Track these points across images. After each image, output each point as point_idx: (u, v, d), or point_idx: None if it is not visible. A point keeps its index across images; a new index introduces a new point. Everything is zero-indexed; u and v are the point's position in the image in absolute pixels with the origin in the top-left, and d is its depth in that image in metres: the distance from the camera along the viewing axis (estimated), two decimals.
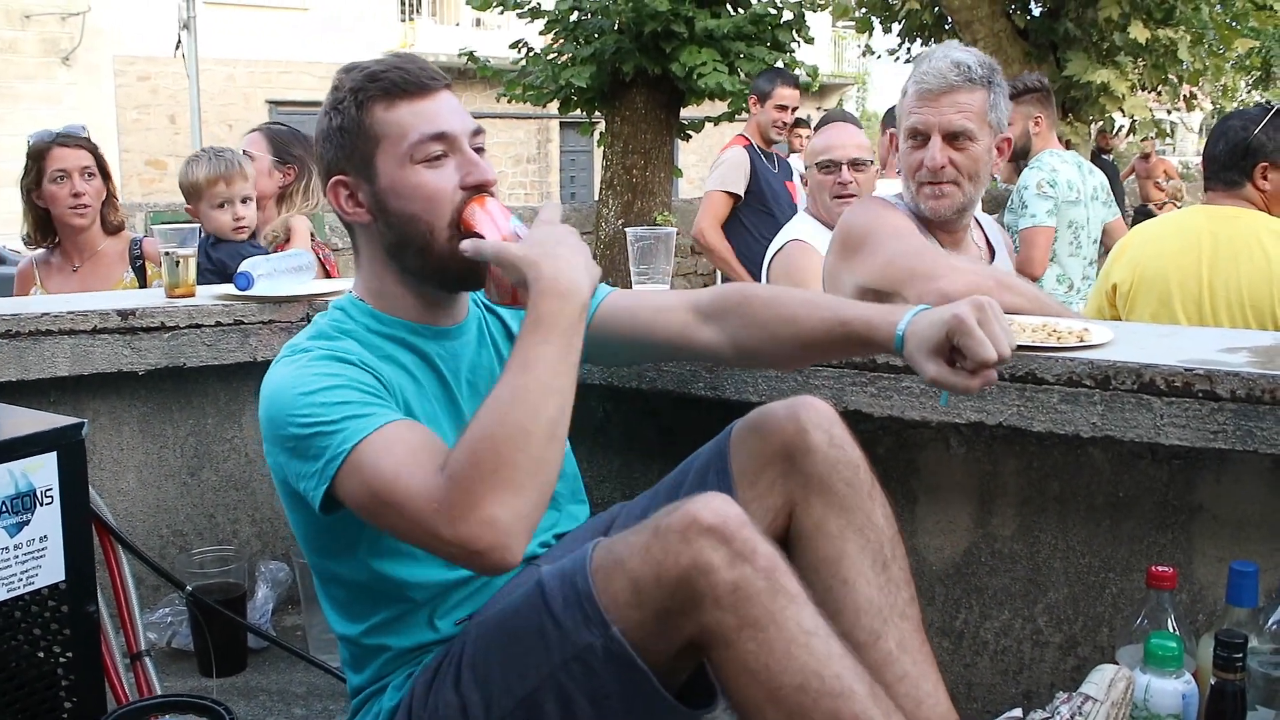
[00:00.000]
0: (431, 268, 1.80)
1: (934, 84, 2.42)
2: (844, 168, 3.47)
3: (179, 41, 15.37)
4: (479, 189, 1.78)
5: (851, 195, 3.45)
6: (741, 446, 1.87)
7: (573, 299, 1.63)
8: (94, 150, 3.55)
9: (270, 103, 20.31)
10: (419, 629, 1.82)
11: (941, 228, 2.55)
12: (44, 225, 3.52)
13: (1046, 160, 4.43)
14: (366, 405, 1.64)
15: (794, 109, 5.66)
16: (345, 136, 1.78)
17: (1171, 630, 1.77)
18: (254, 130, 3.82)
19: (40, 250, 3.61)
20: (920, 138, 2.45)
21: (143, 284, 3.57)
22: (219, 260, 3.31)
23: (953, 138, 2.43)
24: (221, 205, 3.36)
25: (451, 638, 1.80)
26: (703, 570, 1.52)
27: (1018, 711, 1.71)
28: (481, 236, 1.72)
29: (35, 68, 18.02)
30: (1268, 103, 3.27)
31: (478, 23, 21.26)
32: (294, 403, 1.65)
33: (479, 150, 1.81)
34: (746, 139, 5.58)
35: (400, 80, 1.76)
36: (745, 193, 5.40)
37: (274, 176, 3.67)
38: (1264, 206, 3.03)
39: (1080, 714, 1.63)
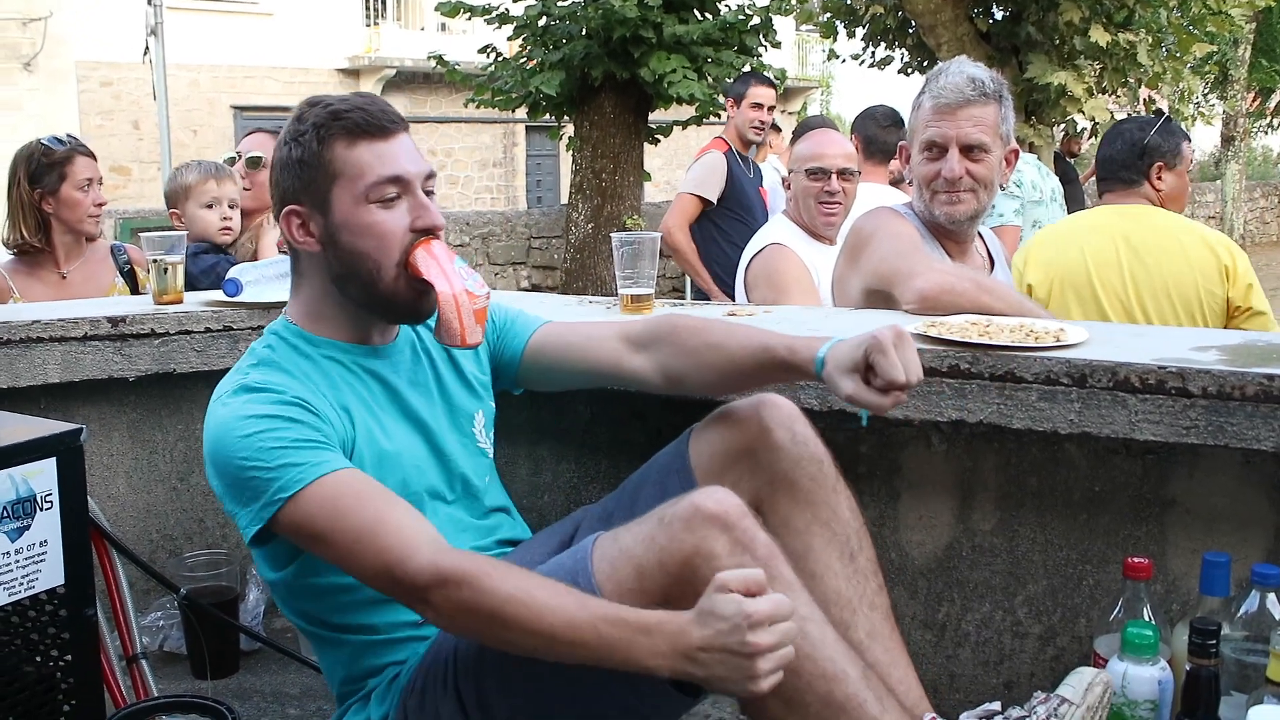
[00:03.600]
0: (375, 300, 1.88)
1: (951, 99, 2.51)
2: (833, 177, 3.49)
3: (146, 48, 15.25)
4: (427, 232, 1.86)
5: (838, 204, 3.50)
6: (704, 446, 1.93)
7: (665, 662, 1.54)
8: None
9: (235, 108, 20.20)
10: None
11: (950, 237, 2.63)
12: (43, 231, 3.50)
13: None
14: (306, 451, 1.71)
15: (770, 107, 5.67)
16: (304, 169, 1.85)
17: (1147, 619, 1.83)
18: (258, 131, 3.85)
19: (6, 259, 3.59)
20: (937, 149, 2.54)
21: (134, 290, 3.59)
22: (190, 274, 3.30)
23: (968, 150, 2.53)
24: (210, 205, 3.39)
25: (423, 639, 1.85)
26: (705, 557, 1.59)
27: (996, 705, 1.75)
28: (428, 281, 1.82)
29: None
30: (1159, 111, 3.49)
31: (443, 27, 21.21)
32: (235, 445, 1.73)
33: (429, 193, 1.89)
34: (726, 143, 5.56)
35: (362, 121, 1.83)
36: (720, 198, 5.41)
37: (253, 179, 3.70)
38: (1159, 204, 3.20)
39: (1056, 715, 1.67)
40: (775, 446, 1.87)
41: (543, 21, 10.96)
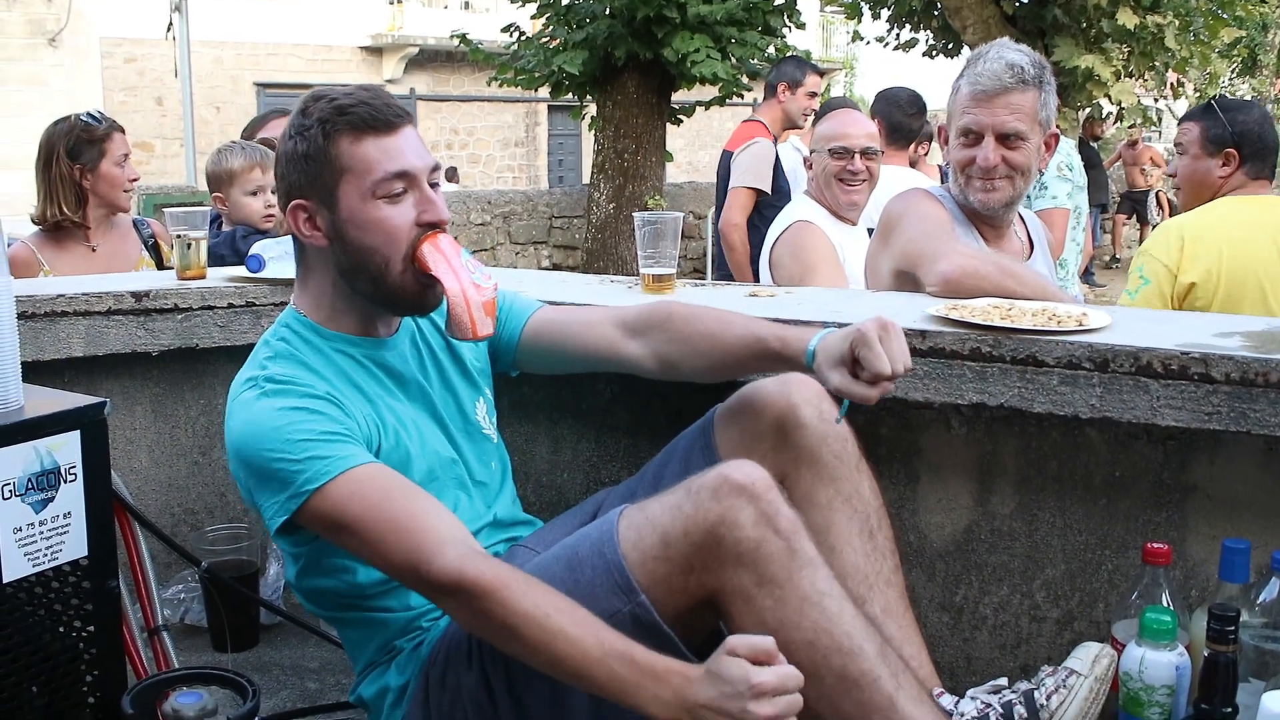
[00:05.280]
0: (382, 294, 1.89)
1: (989, 85, 2.49)
2: (856, 156, 3.49)
3: (170, 24, 15.27)
4: (433, 226, 1.86)
5: (861, 183, 3.50)
6: (729, 424, 1.95)
7: (665, 712, 1.54)
8: None
9: (258, 85, 20.21)
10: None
11: (987, 221, 2.63)
12: (79, 205, 3.54)
13: (1061, 144, 4.50)
14: (332, 444, 1.73)
15: (820, 96, 5.60)
16: (310, 164, 1.85)
17: (1166, 605, 1.83)
18: (279, 116, 3.87)
19: (33, 233, 3.63)
20: (973, 136, 2.52)
21: (159, 264, 3.63)
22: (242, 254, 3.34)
23: (1004, 138, 2.51)
24: (254, 192, 3.43)
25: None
26: (730, 526, 1.63)
27: (1003, 680, 1.76)
28: (435, 276, 1.83)
29: (20, 49, 17.87)
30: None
31: (466, 5, 21.18)
32: (261, 437, 1.74)
33: (434, 185, 1.89)
34: (765, 128, 5.40)
35: (368, 116, 1.83)
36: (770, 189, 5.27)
37: None
38: None
39: (1065, 686, 1.68)
40: (801, 424, 1.89)
41: (566, 0, 10.93)
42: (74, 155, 3.50)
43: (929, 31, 14.41)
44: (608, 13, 10.45)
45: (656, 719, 1.54)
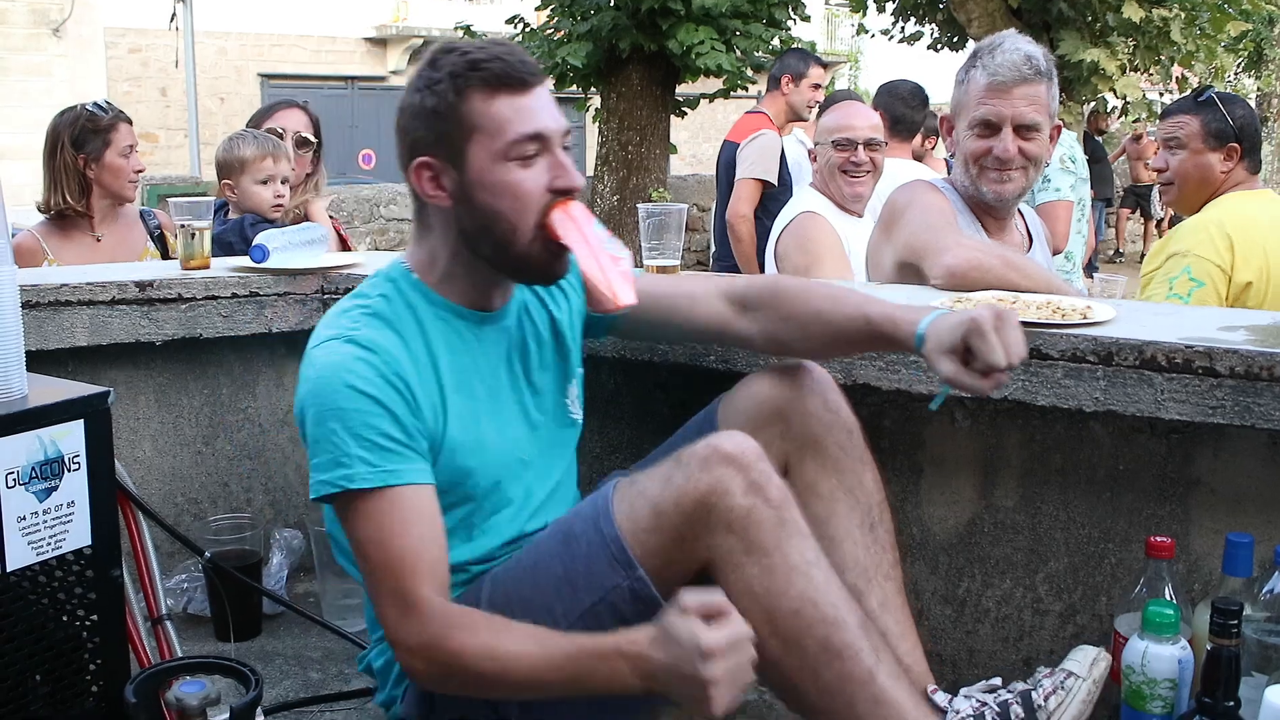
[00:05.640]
0: (506, 260, 1.81)
1: (1008, 76, 2.49)
2: (860, 147, 3.50)
3: (174, 14, 15.28)
4: (565, 193, 1.78)
5: (864, 174, 3.50)
6: (735, 411, 1.94)
7: (632, 682, 1.54)
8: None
9: (262, 76, 20.22)
10: None
11: (990, 213, 2.63)
12: (83, 195, 3.55)
13: (1064, 136, 4.50)
14: (386, 452, 1.68)
15: (824, 88, 5.61)
16: (438, 120, 1.75)
17: (1169, 599, 1.83)
18: (288, 106, 3.87)
19: (39, 221, 3.64)
20: (990, 127, 2.52)
21: (165, 255, 3.64)
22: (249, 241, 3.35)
23: (1022, 129, 2.51)
24: (265, 181, 3.43)
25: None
26: (720, 495, 1.63)
27: (997, 680, 1.76)
28: (565, 244, 1.75)
29: (25, 39, 17.87)
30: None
31: None
32: (329, 407, 1.69)
33: (566, 149, 1.81)
34: (770, 120, 5.43)
35: (502, 72, 1.73)
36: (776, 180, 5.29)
37: (299, 162, 3.72)
38: None
39: (1063, 687, 1.68)
40: (808, 412, 1.88)
41: None
42: (79, 145, 3.51)
43: (934, 25, 14.39)
44: (612, 4, 10.43)
45: (632, 691, 1.54)
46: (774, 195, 5.27)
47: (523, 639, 1.59)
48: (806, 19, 11.33)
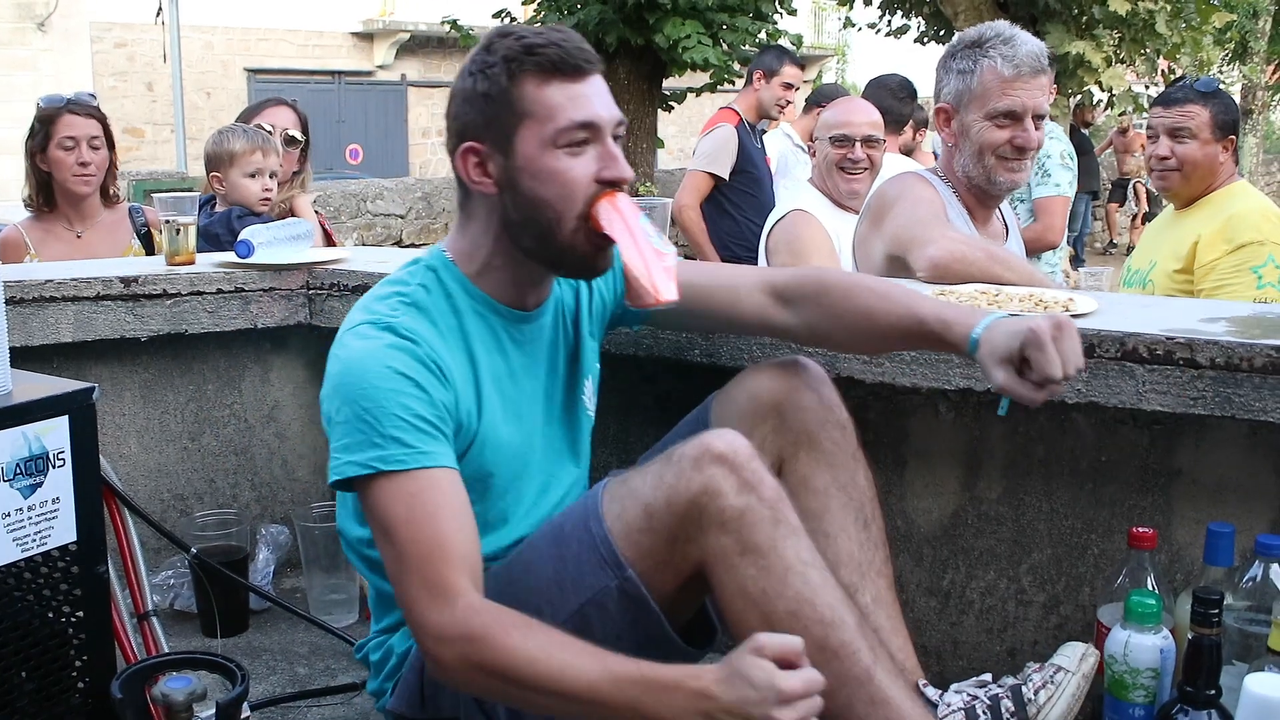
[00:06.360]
0: (548, 251, 1.78)
1: (1030, 66, 2.53)
2: (858, 144, 3.51)
3: (159, 8, 15.22)
4: (613, 184, 1.75)
5: (862, 171, 3.52)
6: (729, 407, 1.93)
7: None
8: (103, 120, 3.56)
9: (248, 71, 20.15)
10: None
11: (981, 204, 2.66)
12: (45, 190, 3.53)
13: (1059, 131, 4.54)
14: (420, 434, 1.63)
15: (798, 88, 5.64)
16: (489, 105, 1.72)
17: (1151, 588, 1.85)
18: (277, 103, 3.86)
19: (26, 217, 3.62)
20: (1013, 117, 2.54)
21: (150, 251, 3.60)
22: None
23: (1038, 119, 2.56)
24: (253, 175, 3.42)
25: None
26: (712, 495, 1.60)
27: (987, 676, 1.76)
28: (610, 237, 1.72)
29: (9, 33, 17.80)
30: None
31: None
32: (363, 388, 1.65)
33: (617, 140, 1.78)
34: (736, 114, 5.48)
35: (557, 58, 1.70)
36: (731, 173, 5.37)
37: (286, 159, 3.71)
38: None
39: (1052, 682, 1.69)
40: (803, 406, 1.87)
41: None
42: (30, 137, 3.47)
43: (920, 18, 14.42)
44: None
45: None
46: (735, 187, 5.40)
47: (580, 653, 1.51)
48: (793, 12, 11.34)
